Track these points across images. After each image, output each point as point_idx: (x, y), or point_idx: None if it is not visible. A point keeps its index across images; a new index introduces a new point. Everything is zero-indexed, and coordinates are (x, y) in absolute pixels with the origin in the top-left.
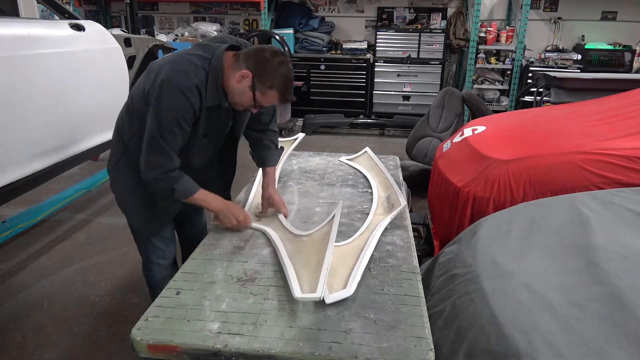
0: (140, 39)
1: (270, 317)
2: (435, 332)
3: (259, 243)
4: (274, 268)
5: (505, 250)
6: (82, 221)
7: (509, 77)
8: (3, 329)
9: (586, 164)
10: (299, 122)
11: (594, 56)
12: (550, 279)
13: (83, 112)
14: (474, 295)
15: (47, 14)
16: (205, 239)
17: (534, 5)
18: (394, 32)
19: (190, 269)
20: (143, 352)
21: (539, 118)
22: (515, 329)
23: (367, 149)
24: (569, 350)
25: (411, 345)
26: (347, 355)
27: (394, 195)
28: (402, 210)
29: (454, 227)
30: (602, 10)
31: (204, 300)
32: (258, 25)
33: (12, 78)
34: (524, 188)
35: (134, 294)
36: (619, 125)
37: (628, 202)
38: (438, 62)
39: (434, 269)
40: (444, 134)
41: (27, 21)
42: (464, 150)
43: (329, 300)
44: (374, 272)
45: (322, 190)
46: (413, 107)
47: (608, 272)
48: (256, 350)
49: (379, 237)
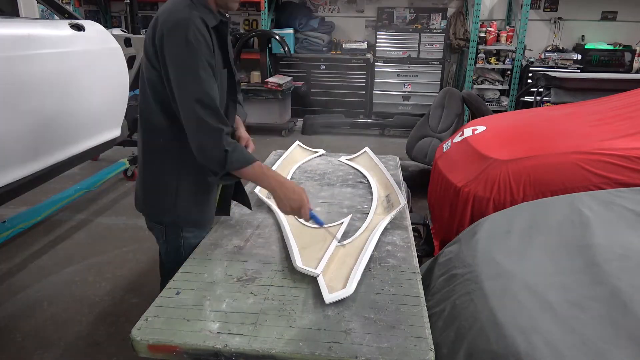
0: (140, 39)
1: (270, 317)
2: (435, 332)
3: (259, 243)
4: (274, 268)
5: (505, 250)
6: (82, 221)
7: (509, 77)
8: (3, 329)
9: (586, 164)
10: (299, 122)
11: (594, 56)
12: (550, 279)
13: (83, 112)
14: (474, 295)
15: (47, 14)
16: (205, 239)
17: (534, 5)
18: (394, 32)
19: (190, 269)
20: (143, 352)
21: (539, 118)
22: (515, 329)
23: (366, 148)
24: (569, 350)
25: (411, 345)
26: (347, 355)
27: (394, 194)
28: (402, 209)
29: (454, 227)
30: (602, 10)
31: (204, 300)
32: (258, 25)
33: (12, 78)
34: (524, 188)
35: (134, 294)
36: (619, 125)
37: (628, 202)
38: (438, 62)
39: (434, 269)
40: (444, 134)
41: (27, 21)
42: (464, 150)
43: (328, 300)
44: (374, 272)
45: (322, 190)
46: (413, 107)
47: (608, 272)
48: (256, 350)
49: (378, 236)
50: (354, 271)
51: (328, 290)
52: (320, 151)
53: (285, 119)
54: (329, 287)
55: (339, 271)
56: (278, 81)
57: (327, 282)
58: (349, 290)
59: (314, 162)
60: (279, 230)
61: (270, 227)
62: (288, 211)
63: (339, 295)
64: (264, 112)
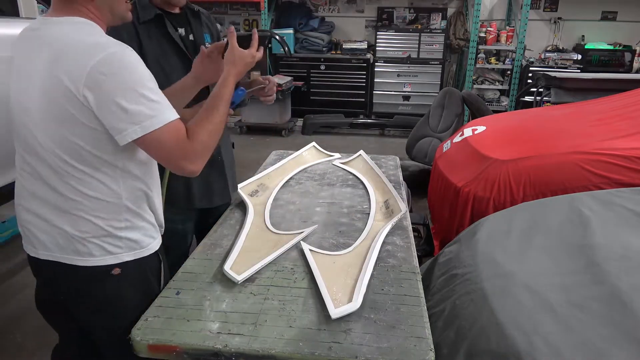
0: None
1: (270, 317)
2: (435, 332)
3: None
4: (274, 268)
5: (505, 250)
6: None
7: (509, 77)
8: (3, 329)
9: (586, 164)
10: (299, 122)
11: (594, 56)
12: (550, 279)
13: None
14: (474, 295)
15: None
16: (205, 239)
17: (534, 5)
18: (394, 32)
19: (190, 269)
20: (143, 352)
21: (539, 118)
22: (515, 329)
23: (361, 152)
24: (569, 350)
25: (411, 345)
26: (347, 355)
27: (393, 199)
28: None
29: (454, 227)
30: (602, 10)
31: (204, 300)
32: (258, 25)
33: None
34: (524, 188)
35: None
36: (619, 125)
37: (628, 202)
38: (438, 62)
39: (434, 269)
40: (444, 134)
41: (27, 21)
42: (464, 150)
43: (334, 315)
44: (374, 272)
45: (322, 190)
46: (413, 107)
47: (608, 272)
48: (256, 350)
49: (380, 245)
50: (358, 283)
51: (334, 304)
52: (335, 155)
53: (285, 119)
54: (335, 301)
55: (344, 282)
56: (278, 81)
57: (333, 294)
58: (355, 304)
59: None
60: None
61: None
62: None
63: (346, 310)
64: (264, 112)
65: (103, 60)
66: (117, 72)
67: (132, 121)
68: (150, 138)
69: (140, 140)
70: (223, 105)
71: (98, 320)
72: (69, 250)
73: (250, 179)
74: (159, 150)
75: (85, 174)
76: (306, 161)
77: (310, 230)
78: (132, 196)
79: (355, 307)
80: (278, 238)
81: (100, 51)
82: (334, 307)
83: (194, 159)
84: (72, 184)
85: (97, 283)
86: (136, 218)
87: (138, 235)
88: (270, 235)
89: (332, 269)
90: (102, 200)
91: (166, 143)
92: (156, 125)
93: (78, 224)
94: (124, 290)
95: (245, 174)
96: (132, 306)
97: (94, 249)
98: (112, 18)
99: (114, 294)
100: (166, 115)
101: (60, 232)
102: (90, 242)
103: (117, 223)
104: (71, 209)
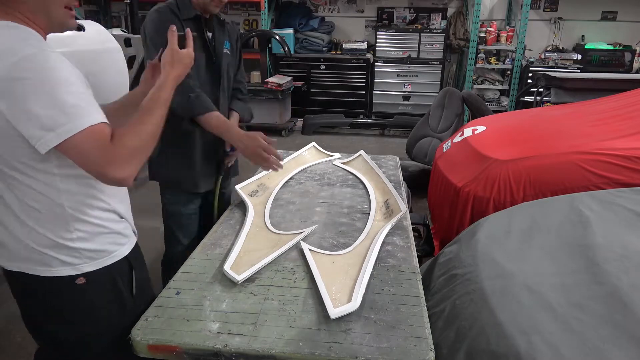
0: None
1: (270, 317)
2: (435, 332)
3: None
4: (274, 268)
5: (505, 250)
6: None
7: (509, 77)
8: (3, 329)
9: (586, 164)
10: (299, 122)
11: (594, 56)
12: (550, 279)
13: None
14: (474, 295)
15: None
16: (205, 239)
17: (534, 5)
18: (394, 32)
19: (190, 269)
20: (143, 352)
21: (539, 118)
22: (515, 329)
23: (361, 152)
24: (569, 350)
25: (411, 345)
26: (347, 355)
27: (393, 199)
28: (403, 216)
29: (454, 227)
30: (602, 10)
31: (204, 300)
32: (258, 25)
33: None
34: (524, 188)
35: None
36: (619, 125)
37: (628, 202)
38: (438, 62)
39: (434, 269)
40: (444, 134)
41: None
42: (464, 150)
43: (334, 315)
44: (374, 272)
45: (322, 190)
46: (413, 107)
47: (608, 272)
48: (256, 351)
49: (380, 245)
50: (358, 283)
51: (333, 304)
52: (335, 155)
53: (285, 119)
54: (334, 301)
55: (343, 282)
56: (278, 81)
57: (332, 295)
58: (354, 304)
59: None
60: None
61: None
62: (251, 157)
63: (345, 310)
64: (264, 112)
65: (16, 64)
66: (30, 77)
67: (47, 128)
68: (68, 145)
69: (59, 147)
70: (159, 109)
71: (69, 330)
72: (32, 261)
73: (250, 179)
74: (80, 157)
75: (22, 183)
76: (306, 161)
77: (310, 230)
78: (76, 204)
79: (355, 307)
80: (278, 238)
81: (12, 55)
82: (333, 307)
83: (119, 165)
84: (15, 194)
85: (61, 293)
86: (90, 227)
87: (98, 245)
88: (270, 235)
89: (332, 269)
90: (42, 211)
91: (86, 149)
92: (73, 130)
93: (31, 235)
94: (92, 299)
95: (245, 174)
96: (102, 315)
97: (51, 261)
98: (49, 24)
99: (81, 303)
100: (84, 120)
101: (22, 243)
102: (45, 254)
103: (66, 234)
104: (27, 219)
